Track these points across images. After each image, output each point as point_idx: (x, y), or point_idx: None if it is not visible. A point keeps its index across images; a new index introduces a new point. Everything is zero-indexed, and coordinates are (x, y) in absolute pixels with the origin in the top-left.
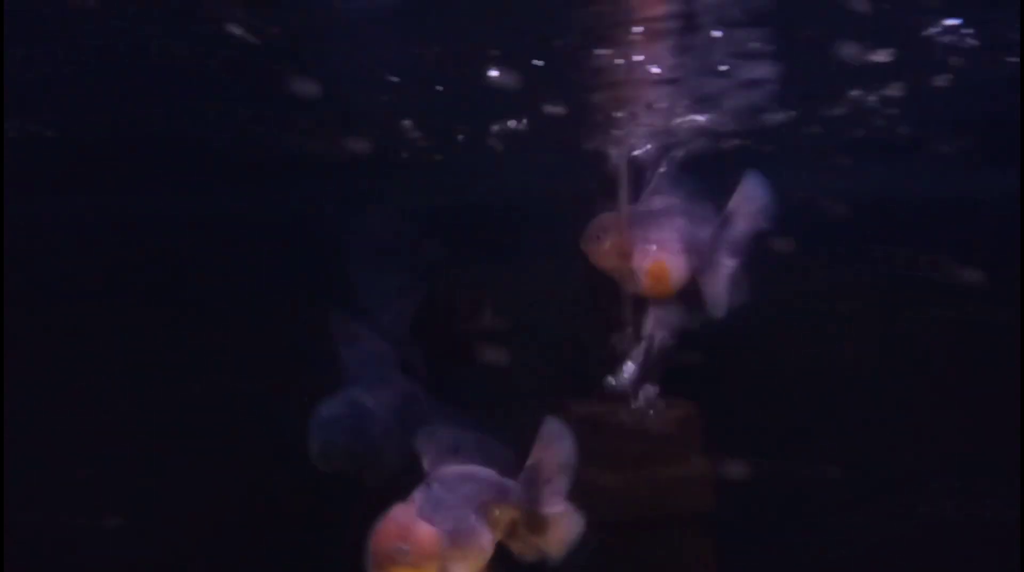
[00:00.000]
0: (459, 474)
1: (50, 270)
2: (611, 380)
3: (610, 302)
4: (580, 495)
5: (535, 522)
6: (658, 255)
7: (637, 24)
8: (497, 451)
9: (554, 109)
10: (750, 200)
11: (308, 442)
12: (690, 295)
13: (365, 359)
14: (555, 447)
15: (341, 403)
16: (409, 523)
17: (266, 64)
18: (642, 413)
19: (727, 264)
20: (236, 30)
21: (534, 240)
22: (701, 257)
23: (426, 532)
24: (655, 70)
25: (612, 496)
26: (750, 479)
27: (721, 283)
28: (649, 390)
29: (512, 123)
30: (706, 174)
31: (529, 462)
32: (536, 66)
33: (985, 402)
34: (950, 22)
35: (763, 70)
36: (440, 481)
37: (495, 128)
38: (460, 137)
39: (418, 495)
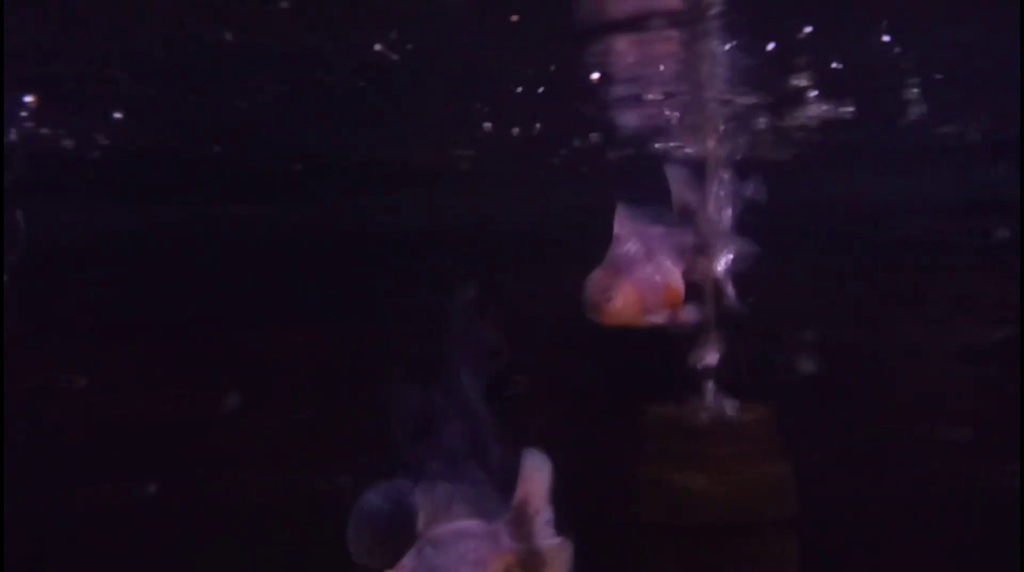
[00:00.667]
0: (452, 533)
1: (180, 275)
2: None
3: None
4: (665, 497)
5: (531, 561)
6: (667, 288)
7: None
8: (492, 500)
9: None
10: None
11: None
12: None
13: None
14: (539, 479)
15: (388, 495)
16: None
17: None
18: (722, 415)
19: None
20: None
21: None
22: (691, 257)
23: None
24: None
25: (695, 498)
26: (833, 483)
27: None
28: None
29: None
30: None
31: (515, 500)
32: None
33: None
34: None
35: None
36: (432, 543)
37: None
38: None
39: (407, 562)
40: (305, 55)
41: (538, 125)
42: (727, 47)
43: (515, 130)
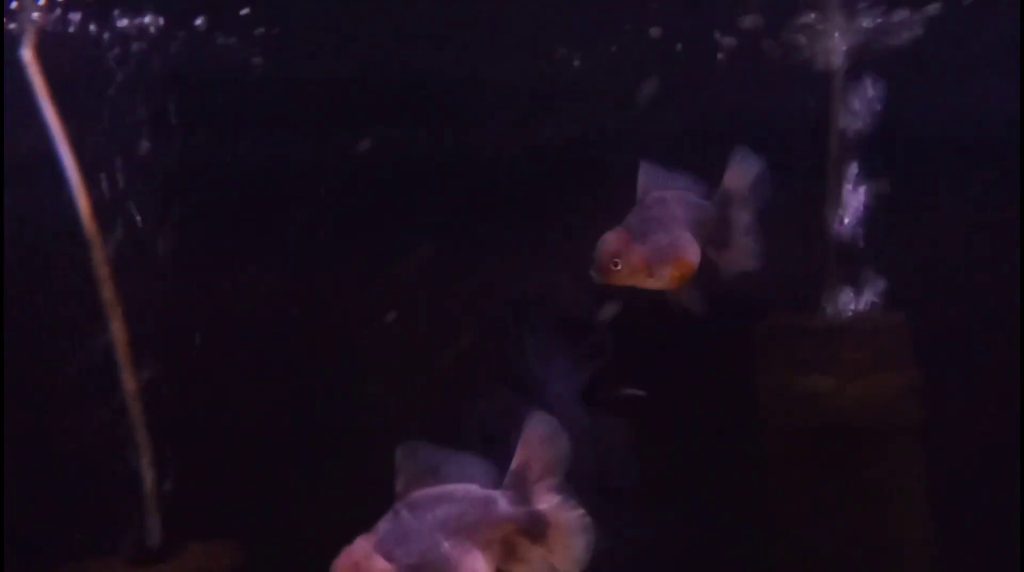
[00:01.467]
0: (433, 496)
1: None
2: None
3: None
4: (792, 401)
5: (536, 532)
6: (676, 258)
7: None
8: (485, 468)
9: None
10: (746, 173)
11: None
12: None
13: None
14: (544, 444)
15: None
16: (364, 561)
17: None
18: (853, 319)
19: (738, 240)
20: None
21: None
22: (711, 236)
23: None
24: None
25: (824, 402)
26: (961, 391)
27: (739, 252)
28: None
29: None
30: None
31: (514, 465)
32: None
33: None
34: None
35: None
36: (409, 506)
37: None
38: None
39: (381, 525)
40: None
41: None
42: None
43: None
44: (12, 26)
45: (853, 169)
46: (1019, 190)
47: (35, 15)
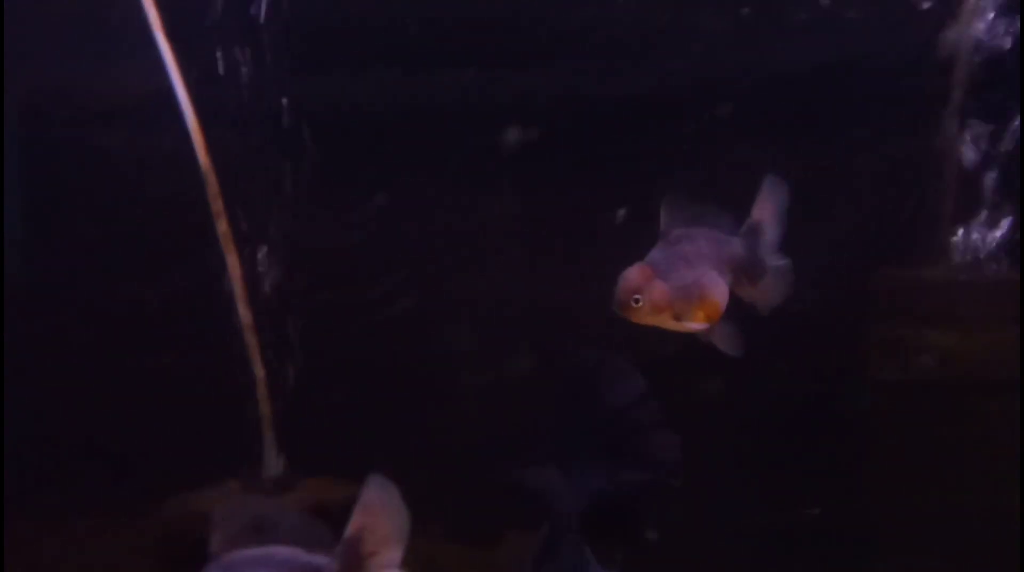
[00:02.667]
0: (249, 559)
1: None
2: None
3: None
4: (909, 356)
5: None
6: (702, 298)
7: None
8: (320, 532)
9: None
10: (776, 203)
11: None
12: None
13: None
14: (382, 511)
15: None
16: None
17: None
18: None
19: (772, 267)
20: None
21: None
22: (742, 271)
23: None
24: None
25: (945, 356)
26: None
27: (773, 288)
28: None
29: None
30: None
31: (348, 532)
32: None
33: None
34: None
35: None
36: (223, 566)
37: None
38: None
39: None
40: None
41: None
42: None
43: None
44: None
45: (975, 106)
46: None
47: None
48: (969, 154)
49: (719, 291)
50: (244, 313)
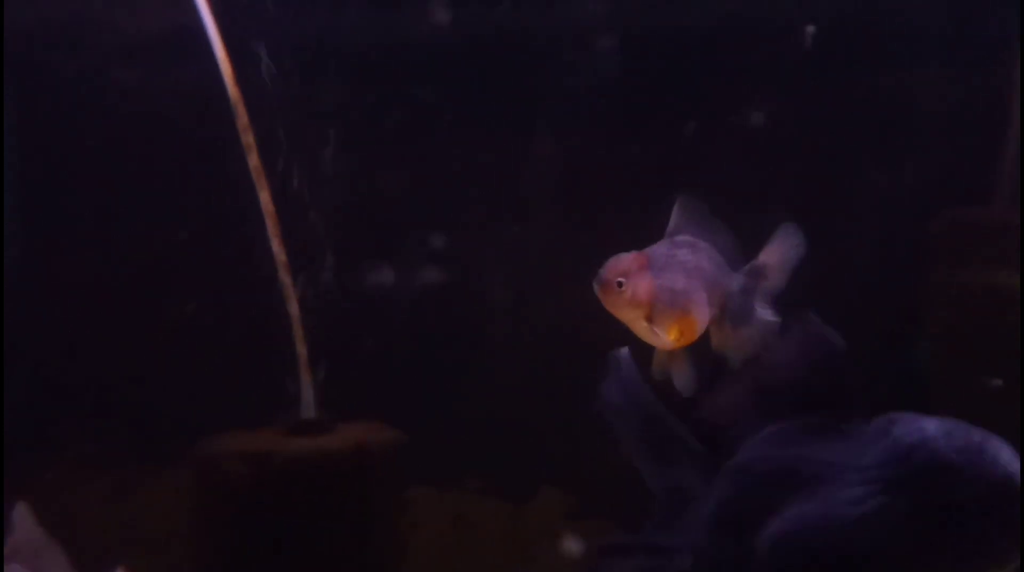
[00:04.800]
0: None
1: None
2: None
3: None
4: (976, 299)
5: None
6: (684, 311)
7: None
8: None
9: None
10: (786, 253)
11: None
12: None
13: None
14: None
15: None
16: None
17: None
18: None
19: (759, 319)
20: None
21: None
22: (728, 311)
23: None
24: None
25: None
26: None
27: (751, 339)
28: None
29: None
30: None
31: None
32: None
33: None
34: None
35: None
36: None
37: None
38: None
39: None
40: None
41: None
42: None
43: None
44: None
45: None
46: None
47: None
48: None
49: (703, 313)
50: (278, 251)
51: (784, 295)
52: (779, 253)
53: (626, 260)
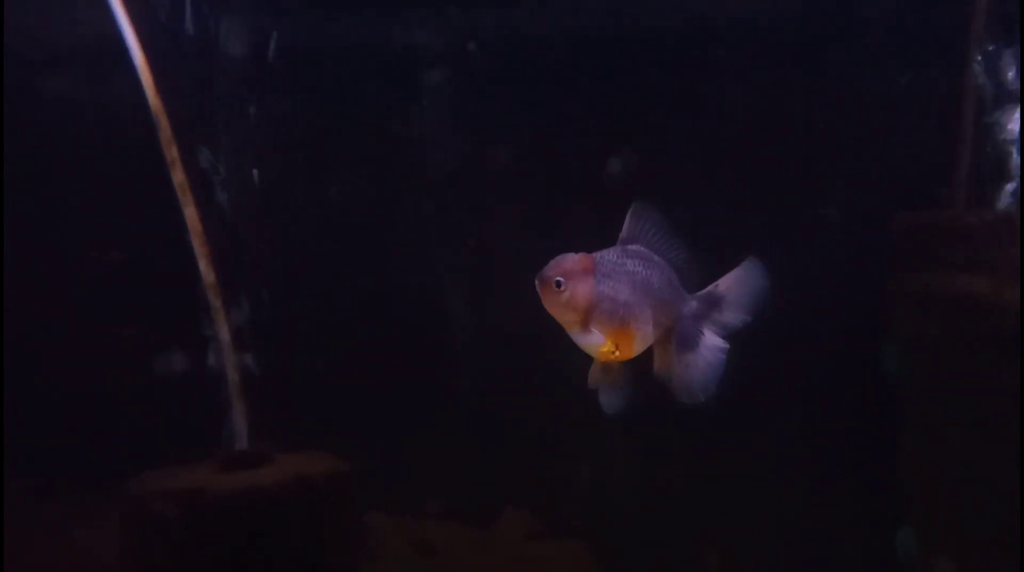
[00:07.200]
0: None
1: None
2: None
3: None
4: (941, 306)
5: None
6: (623, 323)
7: None
8: None
9: None
10: (746, 289)
11: None
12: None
13: None
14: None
15: None
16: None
17: None
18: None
19: (707, 349)
20: None
21: None
22: (676, 334)
23: None
24: None
25: (977, 306)
26: None
27: (698, 370)
28: None
29: None
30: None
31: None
32: None
33: None
34: None
35: None
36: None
37: None
38: None
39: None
40: None
41: None
42: None
43: None
44: None
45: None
46: None
47: None
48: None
49: (644, 330)
50: (206, 271)
51: (739, 332)
52: (738, 287)
53: (570, 261)
